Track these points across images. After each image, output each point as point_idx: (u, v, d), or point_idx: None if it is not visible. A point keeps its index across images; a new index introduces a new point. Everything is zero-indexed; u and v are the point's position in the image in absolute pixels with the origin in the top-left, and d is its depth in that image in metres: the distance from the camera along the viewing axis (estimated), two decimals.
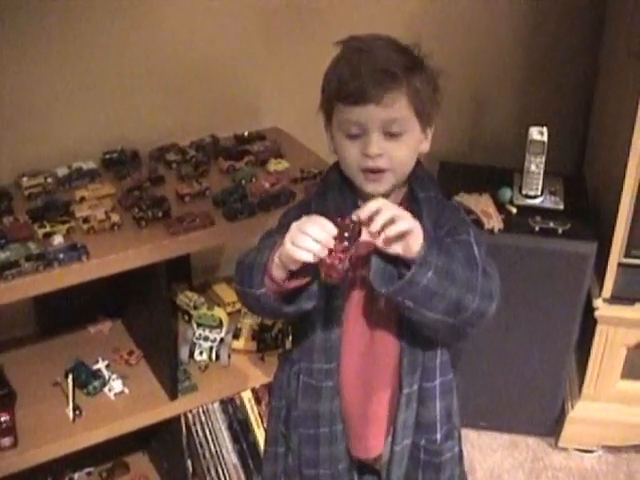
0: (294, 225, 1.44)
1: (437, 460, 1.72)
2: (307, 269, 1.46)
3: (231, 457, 2.44)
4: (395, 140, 1.53)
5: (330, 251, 1.40)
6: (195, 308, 2.44)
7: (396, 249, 1.45)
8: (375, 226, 1.42)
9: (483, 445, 2.87)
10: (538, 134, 2.52)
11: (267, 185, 2.19)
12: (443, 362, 1.67)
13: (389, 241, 1.44)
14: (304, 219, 1.45)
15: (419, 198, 1.59)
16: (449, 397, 1.71)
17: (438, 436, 1.70)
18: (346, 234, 1.41)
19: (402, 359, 1.62)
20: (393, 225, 1.42)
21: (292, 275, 1.48)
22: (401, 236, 1.43)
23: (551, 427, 2.87)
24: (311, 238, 1.41)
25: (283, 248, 1.44)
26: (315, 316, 1.62)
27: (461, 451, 1.84)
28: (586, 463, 2.83)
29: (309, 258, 1.41)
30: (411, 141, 1.55)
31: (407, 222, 1.43)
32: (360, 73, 1.49)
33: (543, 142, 2.51)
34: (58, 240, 1.94)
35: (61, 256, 1.89)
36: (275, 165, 2.32)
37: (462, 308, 1.47)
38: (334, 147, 1.61)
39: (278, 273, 1.48)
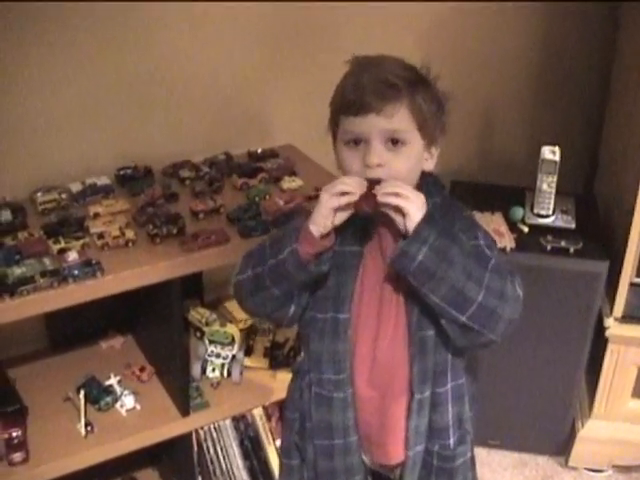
0: (327, 185, 1.55)
1: (450, 466, 1.72)
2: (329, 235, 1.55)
3: (242, 474, 2.44)
4: (395, 151, 1.54)
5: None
6: (207, 325, 2.44)
7: (396, 220, 1.52)
8: (379, 189, 1.51)
9: (493, 463, 2.86)
10: (550, 153, 2.52)
11: (281, 203, 2.20)
12: (455, 367, 1.68)
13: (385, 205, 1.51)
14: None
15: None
16: (461, 402, 1.71)
17: (451, 441, 1.70)
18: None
19: (412, 366, 1.63)
20: (393, 197, 1.50)
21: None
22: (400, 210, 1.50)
23: (561, 446, 2.86)
24: (350, 181, 1.53)
25: (319, 204, 1.53)
26: (322, 328, 1.64)
27: (473, 457, 1.83)
28: None
29: (352, 196, 1.50)
30: (412, 154, 1.56)
31: (404, 201, 1.49)
32: (362, 84, 1.52)
33: (555, 161, 2.51)
34: (73, 256, 1.95)
35: (76, 272, 1.90)
36: (289, 183, 2.33)
37: (466, 299, 1.49)
38: (337, 161, 1.63)
39: (315, 230, 1.54)
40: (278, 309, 1.66)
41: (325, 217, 1.53)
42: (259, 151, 2.48)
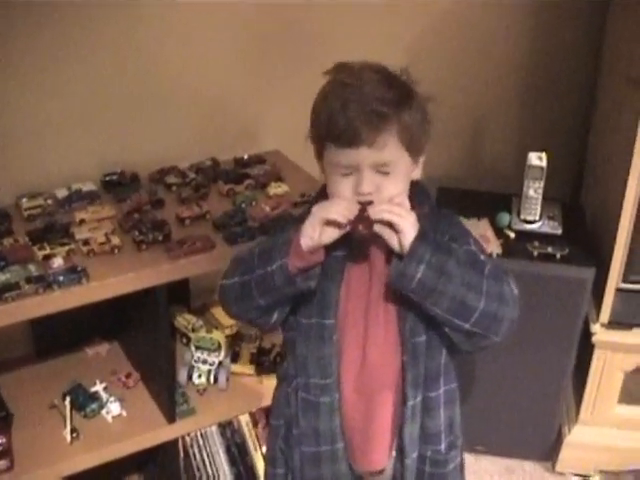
0: (321, 203, 1.57)
1: (442, 471, 1.73)
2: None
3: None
4: (386, 176, 1.55)
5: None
6: (193, 331, 2.44)
7: (390, 240, 1.53)
8: (374, 208, 1.52)
9: (479, 470, 2.85)
10: (537, 159, 2.52)
11: (267, 209, 2.20)
12: (447, 371, 1.69)
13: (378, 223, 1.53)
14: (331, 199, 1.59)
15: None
16: (452, 406, 1.73)
17: (443, 446, 1.72)
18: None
19: (406, 372, 1.63)
20: (387, 213, 1.51)
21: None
22: (393, 227, 1.51)
23: (548, 452, 2.85)
24: (342, 205, 1.54)
25: (311, 219, 1.54)
26: (308, 333, 1.65)
27: (463, 462, 1.86)
28: None
29: (343, 219, 1.52)
30: (401, 175, 1.57)
31: (397, 217, 1.51)
32: (350, 114, 1.49)
33: (542, 167, 2.51)
34: (58, 262, 1.94)
35: (61, 278, 1.89)
36: (275, 189, 2.33)
37: (468, 308, 1.51)
38: (325, 180, 1.63)
39: (304, 244, 1.55)
40: (261, 316, 1.68)
41: (314, 231, 1.54)
42: (245, 157, 2.48)
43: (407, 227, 1.51)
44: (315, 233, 1.53)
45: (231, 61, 2.49)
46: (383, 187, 1.54)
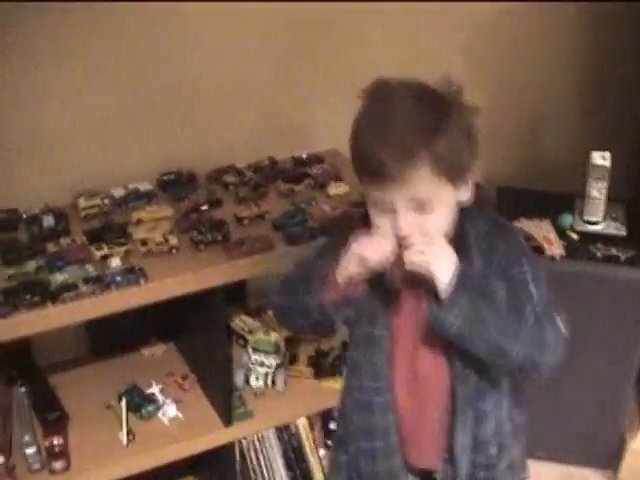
0: (361, 237, 1.48)
1: (493, 474, 1.69)
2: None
3: None
4: (426, 214, 1.46)
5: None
6: (250, 333, 2.41)
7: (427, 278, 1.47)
8: (406, 249, 1.45)
9: (538, 476, 2.77)
10: (600, 159, 2.46)
11: (327, 209, 2.16)
12: (497, 382, 1.64)
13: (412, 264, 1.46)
14: (369, 233, 1.50)
15: (466, 233, 1.54)
16: (500, 410, 1.67)
17: (493, 450, 1.67)
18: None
19: (455, 390, 1.59)
20: (418, 256, 1.45)
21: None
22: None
23: (610, 459, 2.77)
24: (379, 243, 1.47)
25: (349, 254, 1.48)
26: (358, 340, 1.64)
27: (514, 460, 1.78)
28: None
29: (379, 258, 1.45)
30: (444, 209, 1.49)
31: (428, 262, 1.45)
32: (377, 149, 1.41)
33: (606, 167, 2.45)
34: (116, 262, 1.93)
35: (118, 279, 1.88)
36: (335, 189, 2.29)
37: (505, 354, 1.48)
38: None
39: (340, 277, 1.51)
40: (315, 330, 1.69)
41: (350, 267, 1.49)
42: (304, 156, 2.44)
43: (440, 272, 1.45)
44: (351, 270, 1.49)
45: (286, 59, 2.46)
46: (424, 225, 1.47)
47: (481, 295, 1.48)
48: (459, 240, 1.53)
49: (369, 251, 1.46)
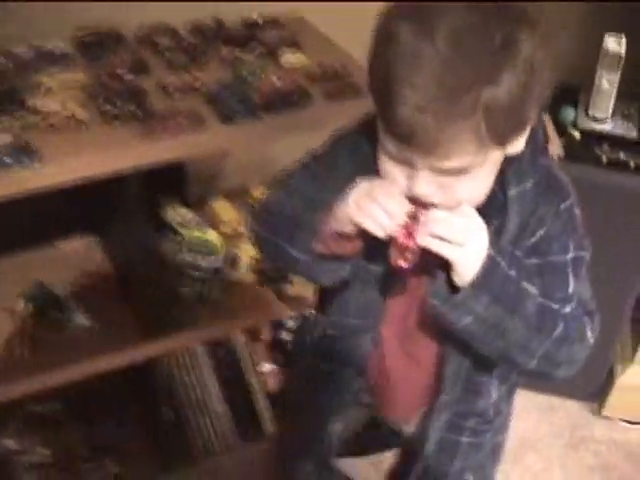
0: (362, 186, 1.18)
1: (479, 440, 1.56)
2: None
3: (218, 405, 2.22)
4: (455, 179, 1.12)
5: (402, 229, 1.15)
6: (184, 227, 2.08)
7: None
8: (421, 225, 1.14)
9: (517, 406, 2.53)
10: (614, 44, 2.21)
11: (276, 81, 1.77)
12: None
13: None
14: (375, 182, 1.17)
15: (508, 196, 1.22)
16: (505, 382, 1.53)
17: (489, 413, 1.54)
18: (420, 214, 1.14)
19: (445, 365, 1.40)
20: (440, 243, 1.14)
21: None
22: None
23: (596, 392, 2.63)
24: (382, 209, 1.14)
25: (343, 208, 1.19)
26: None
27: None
28: (632, 436, 2.59)
29: (378, 232, 1.15)
30: (483, 173, 1.15)
31: (451, 253, 1.15)
32: (404, 101, 1.03)
33: (619, 54, 2.19)
34: (6, 139, 1.57)
35: (7, 160, 1.53)
36: (289, 57, 1.88)
37: (515, 364, 1.31)
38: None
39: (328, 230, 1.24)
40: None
41: (342, 224, 1.21)
42: (260, 21, 2.03)
43: (462, 266, 1.16)
44: (343, 227, 1.21)
45: None
46: (449, 191, 1.13)
47: (507, 304, 1.20)
48: (495, 198, 1.21)
49: (370, 220, 1.15)
